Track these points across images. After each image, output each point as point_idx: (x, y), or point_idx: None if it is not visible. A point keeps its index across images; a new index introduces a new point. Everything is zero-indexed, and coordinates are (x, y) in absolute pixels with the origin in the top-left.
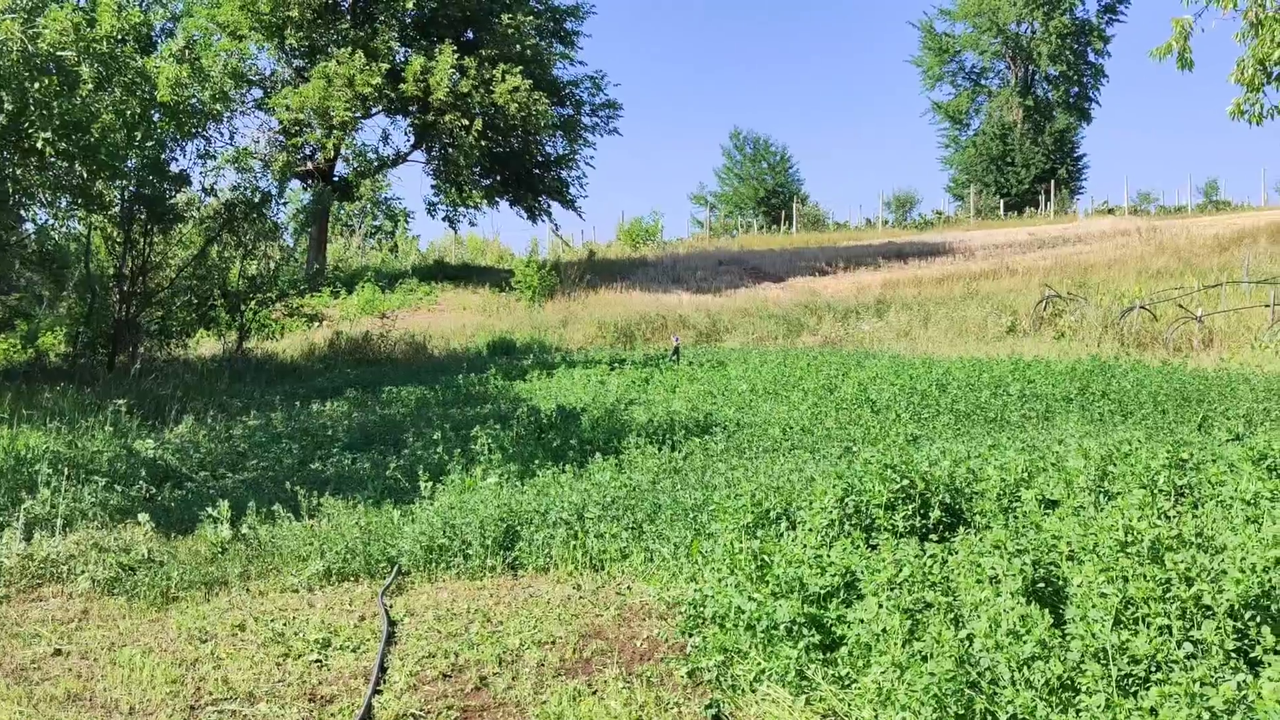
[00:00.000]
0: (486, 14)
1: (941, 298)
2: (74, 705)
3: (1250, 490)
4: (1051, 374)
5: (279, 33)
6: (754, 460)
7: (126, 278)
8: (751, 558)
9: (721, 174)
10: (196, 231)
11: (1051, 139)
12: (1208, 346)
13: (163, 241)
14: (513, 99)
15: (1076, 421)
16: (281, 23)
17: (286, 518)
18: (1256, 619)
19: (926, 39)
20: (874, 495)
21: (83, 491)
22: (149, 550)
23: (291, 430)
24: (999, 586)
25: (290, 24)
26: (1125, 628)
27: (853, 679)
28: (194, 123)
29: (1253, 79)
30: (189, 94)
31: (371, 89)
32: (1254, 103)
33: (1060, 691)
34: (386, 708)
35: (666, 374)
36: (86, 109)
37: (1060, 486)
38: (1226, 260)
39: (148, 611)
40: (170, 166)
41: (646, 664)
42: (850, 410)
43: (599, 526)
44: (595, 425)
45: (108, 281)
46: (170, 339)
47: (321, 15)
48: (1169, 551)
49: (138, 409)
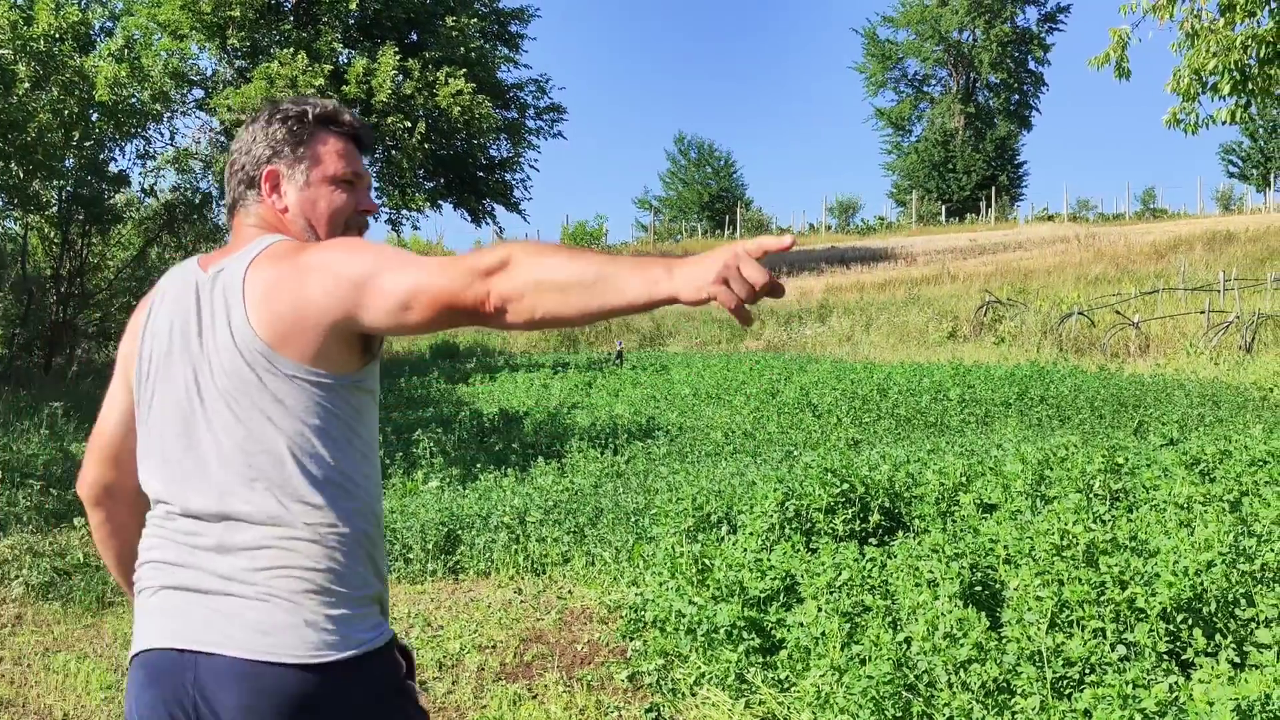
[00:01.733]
0: (430, 16)
1: (883, 303)
2: (7, 712)
3: (1183, 494)
4: (991, 379)
5: (221, 32)
6: (696, 464)
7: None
8: (692, 562)
9: (666, 178)
10: (136, 233)
11: (992, 146)
12: (1144, 352)
13: (101, 242)
14: (456, 102)
15: (1015, 426)
16: (223, 22)
17: None
18: (1188, 621)
19: (869, 46)
20: (814, 499)
21: (17, 495)
22: (85, 555)
23: None
24: (937, 590)
25: (232, 24)
26: (1060, 630)
27: (792, 682)
28: (133, 123)
29: (1188, 88)
30: (128, 94)
31: (314, 90)
32: (1189, 112)
33: (996, 694)
34: None
35: (610, 378)
36: (23, 108)
37: (998, 490)
38: (1163, 267)
39: (83, 617)
40: (109, 167)
41: (587, 668)
42: (792, 414)
43: (541, 530)
44: (538, 429)
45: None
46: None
47: (264, 15)
48: (1104, 555)
49: (75, 412)
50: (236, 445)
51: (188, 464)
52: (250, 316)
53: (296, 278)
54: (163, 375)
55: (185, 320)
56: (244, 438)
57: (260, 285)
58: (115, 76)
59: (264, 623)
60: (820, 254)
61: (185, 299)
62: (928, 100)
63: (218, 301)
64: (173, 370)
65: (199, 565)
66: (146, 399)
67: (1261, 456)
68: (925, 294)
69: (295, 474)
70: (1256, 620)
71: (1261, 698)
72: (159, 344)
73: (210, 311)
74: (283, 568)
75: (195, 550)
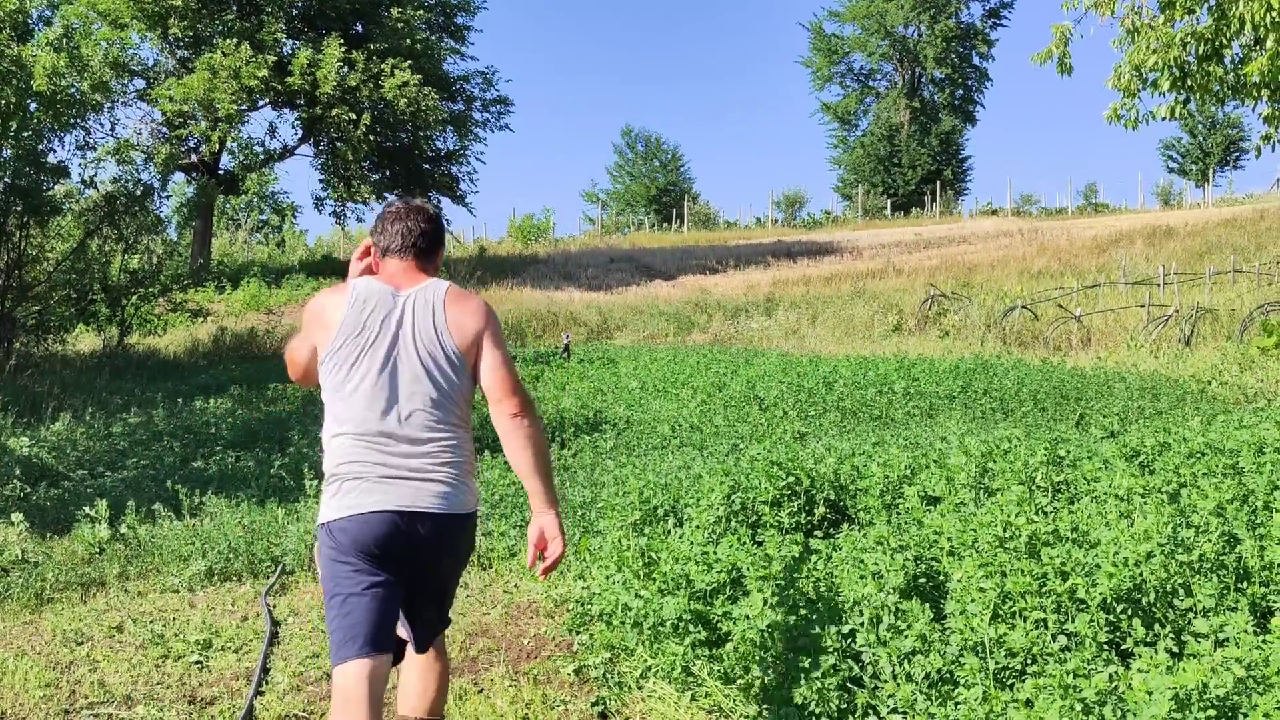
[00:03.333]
0: (376, 7)
1: (829, 296)
2: None
3: (1123, 486)
4: (935, 372)
5: (162, 22)
6: (643, 457)
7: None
8: (639, 555)
9: (613, 171)
10: (75, 224)
11: (937, 140)
12: (1086, 345)
13: (40, 234)
14: (402, 94)
15: (959, 419)
16: (165, 12)
17: (167, 517)
18: (1128, 612)
19: (816, 40)
20: (760, 492)
21: None
22: (23, 551)
23: (173, 428)
24: (881, 582)
25: (174, 13)
26: (1003, 621)
27: (737, 675)
28: (72, 113)
29: (1129, 84)
30: (67, 84)
31: (258, 81)
32: (1130, 108)
33: (940, 684)
34: (269, 709)
35: (557, 371)
36: None
37: (942, 483)
38: (1104, 261)
39: (21, 614)
40: (48, 158)
41: (533, 662)
42: (738, 408)
43: (487, 524)
44: (483, 423)
45: None
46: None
47: (206, 5)
48: (1045, 546)
49: (12, 406)
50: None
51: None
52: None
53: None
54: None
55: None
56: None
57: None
58: (54, 66)
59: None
60: (767, 248)
61: (383, 299)
62: (873, 95)
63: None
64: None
65: (405, 470)
66: (342, 365)
67: (1199, 449)
68: (871, 288)
69: (462, 407)
70: (1194, 610)
71: (1199, 687)
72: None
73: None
74: (460, 464)
75: (399, 457)
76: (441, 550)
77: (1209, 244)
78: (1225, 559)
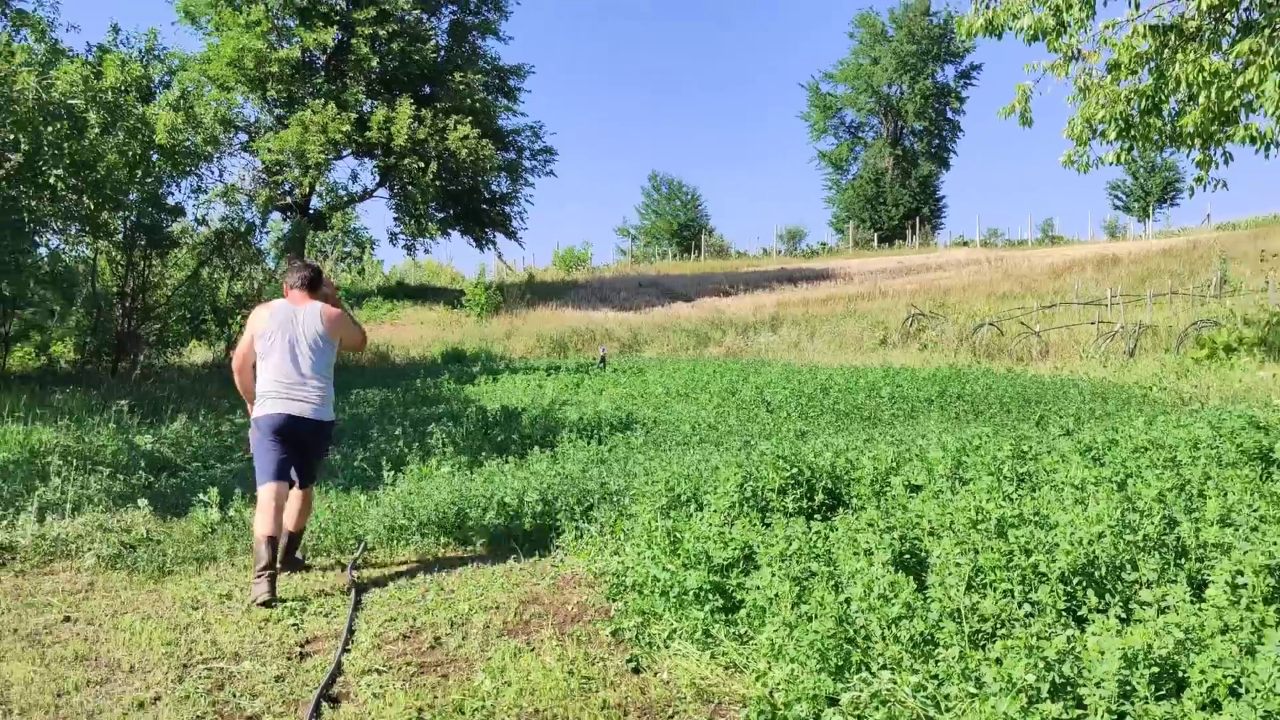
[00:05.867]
0: (441, 72)
1: (825, 316)
2: (81, 665)
3: (1078, 477)
4: (916, 380)
5: (262, 85)
6: (668, 452)
7: (128, 295)
8: (665, 535)
9: (641, 210)
10: (190, 256)
11: (917, 182)
12: (1044, 357)
13: (160, 264)
14: (463, 145)
15: (937, 420)
16: (264, 77)
17: None
18: (1083, 583)
19: (813, 98)
20: (768, 481)
21: (89, 480)
22: (147, 530)
23: None
24: (872, 558)
25: (272, 78)
26: (976, 591)
27: (750, 636)
28: (188, 162)
29: (1081, 134)
30: (183, 137)
31: (342, 135)
32: (1082, 154)
33: (922, 645)
34: (354, 664)
35: (595, 379)
36: (94, 150)
37: (923, 474)
38: (1060, 285)
39: (146, 584)
40: (167, 200)
41: (576, 625)
42: (749, 410)
43: (536, 509)
44: (534, 423)
45: (111, 298)
46: (167, 348)
47: (299, 71)
48: (1012, 528)
49: (138, 409)
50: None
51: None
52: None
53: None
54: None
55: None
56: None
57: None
58: (173, 123)
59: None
60: (772, 274)
61: (286, 311)
62: (862, 144)
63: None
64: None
65: (295, 395)
66: (267, 342)
67: (1143, 445)
68: (860, 308)
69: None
70: (1139, 582)
71: (1144, 647)
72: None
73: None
74: (325, 395)
75: (292, 388)
76: (309, 435)
77: (1149, 270)
78: (1166, 538)
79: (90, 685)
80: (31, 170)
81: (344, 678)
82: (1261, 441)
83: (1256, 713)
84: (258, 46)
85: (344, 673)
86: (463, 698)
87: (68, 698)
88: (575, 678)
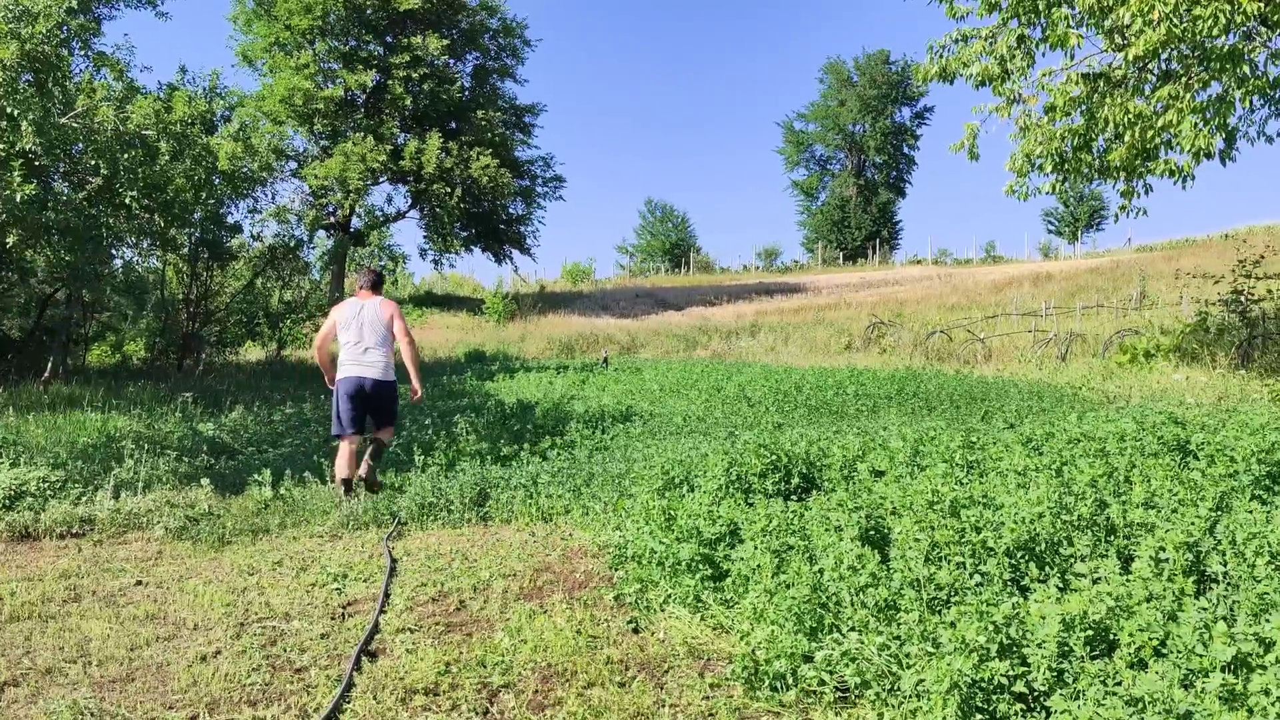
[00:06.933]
0: (466, 110)
1: (798, 323)
2: (151, 622)
3: (1020, 464)
4: (877, 380)
5: (309, 120)
6: (663, 441)
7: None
8: (661, 512)
9: (638, 230)
10: (246, 267)
11: (877, 209)
12: (988, 360)
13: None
14: (484, 173)
15: (896, 414)
16: (312, 113)
17: (314, 482)
18: (1025, 557)
19: (787, 134)
20: (751, 467)
21: (158, 462)
22: (209, 506)
23: (318, 417)
24: (841, 534)
25: (318, 114)
26: (933, 563)
27: (735, 601)
28: (245, 186)
29: (1021, 168)
30: (241, 164)
31: (379, 164)
32: (1022, 185)
33: (886, 610)
34: (390, 623)
35: (598, 377)
36: (164, 174)
37: (885, 461)
38: (1001, 298)
39: (208, 552)
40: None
41: (584, 591)
42: (732, 404)
43: (549, 489)
44: (545, 414)
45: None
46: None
47: (342, 108)
48: (963, 508)
49: (200, 400)
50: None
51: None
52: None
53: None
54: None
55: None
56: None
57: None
58: (233, 151)
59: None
60: (751, 287)
61: (357, 304)
62: (830, 175)
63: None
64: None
65: (364, 361)
66: (344, 327)
67: (1077, 437)
68: (828, 317)
69: (388, 342)
70: (1075, 556)
71: (1080, 613)
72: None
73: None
74: (387, 363)
75: (361, 358)
76: (376, 391)
77: (1079, 286)
78: (1098, 519)
79: (159, 640)
80: (110, 192)
81: (381, 635)
82: (1179, 435)
83: (1179, 670)
84: (306, 86)
85: (381, 631)
86: (484, 653)
87: (139, 651)
88: (583, 636)
